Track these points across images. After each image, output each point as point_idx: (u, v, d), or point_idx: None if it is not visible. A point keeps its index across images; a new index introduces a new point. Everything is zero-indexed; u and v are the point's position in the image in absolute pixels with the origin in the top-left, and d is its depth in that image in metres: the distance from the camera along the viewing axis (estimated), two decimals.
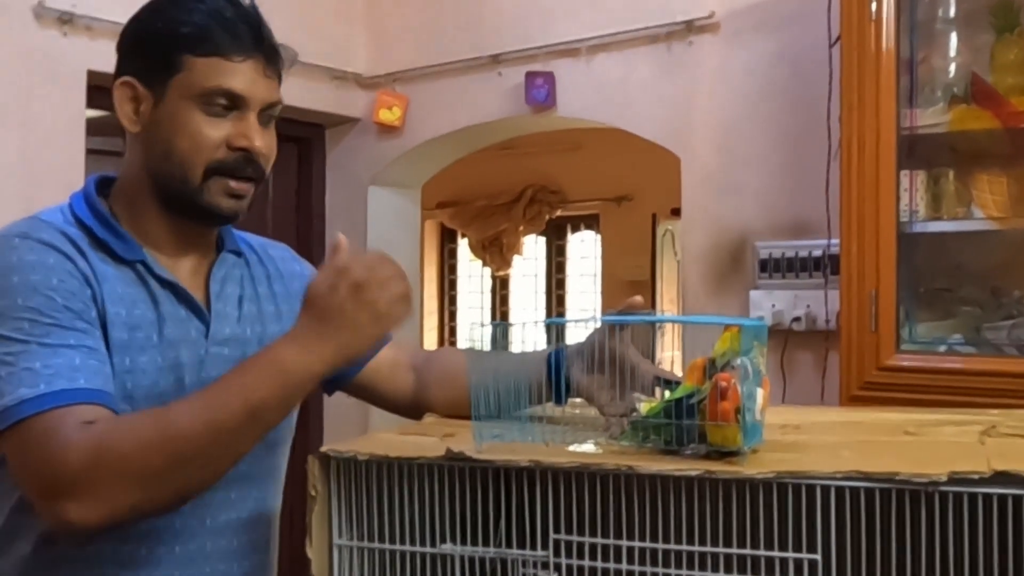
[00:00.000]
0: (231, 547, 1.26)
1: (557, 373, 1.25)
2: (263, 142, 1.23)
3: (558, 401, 1.26)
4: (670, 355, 2.66)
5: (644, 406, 1.09)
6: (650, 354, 1.24)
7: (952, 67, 2.28)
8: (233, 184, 1.22)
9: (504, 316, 6.89)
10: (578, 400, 1.26)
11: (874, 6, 2.13)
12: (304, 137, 3.55)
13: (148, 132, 1.23)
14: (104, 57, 2.64)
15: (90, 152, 2.71)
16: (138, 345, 1.18)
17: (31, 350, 1.09)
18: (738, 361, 1.00)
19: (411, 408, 1.41)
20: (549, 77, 3.10)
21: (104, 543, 1.17)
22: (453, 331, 7.21)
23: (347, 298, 1.11)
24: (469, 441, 1.08)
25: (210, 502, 1.23)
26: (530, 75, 3.13)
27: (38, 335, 1.10)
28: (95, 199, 1.25)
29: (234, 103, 1.21)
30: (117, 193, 1.28)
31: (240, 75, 1.20)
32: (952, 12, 2.35)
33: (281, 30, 1.30)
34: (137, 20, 1.25)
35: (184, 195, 1.22)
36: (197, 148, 1.20)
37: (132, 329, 1.18)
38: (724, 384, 0.98)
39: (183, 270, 1.28)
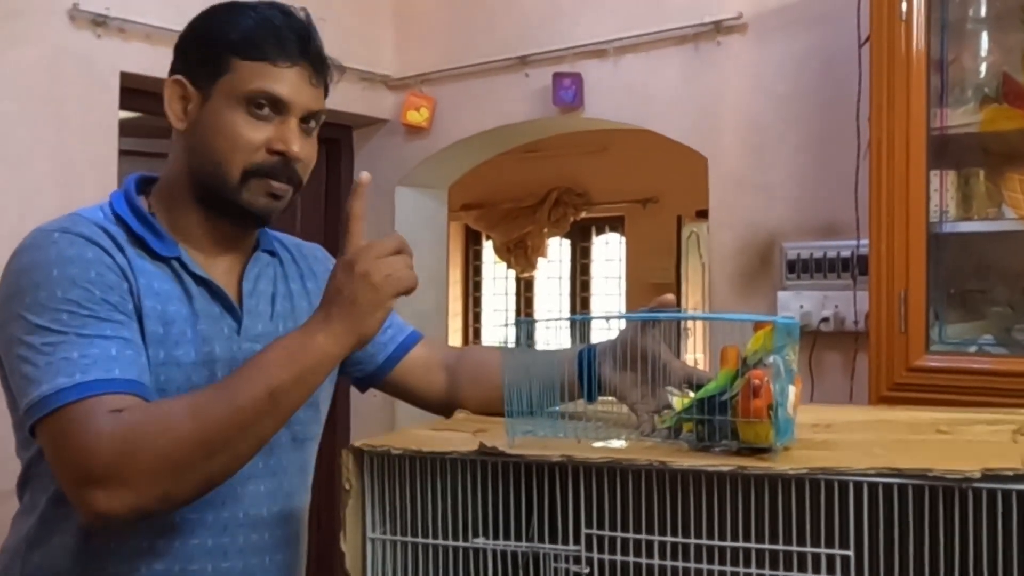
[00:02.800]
0: (263, 541, 1.27)
1: (589, 370, 1.26)
2: (302, 148, 1.25)
3: (589, 398, 1.26)
4: (697, 357, 2.66)
5: (677, 401, 1.09)
6: (677, 354, 1.25)
7: (983, 67, 2.26)
8: (273, 184, 1.25)
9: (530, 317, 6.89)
10: (609, 398, 1.26)
11: (904, 6, 2.12)
12: (332, 138, 3.57)
13: (193, 130, 1.25)
14: (137, 59, 2.69)
15: (123, 153, 2.74)
16: (173, 339, 1.20)
17: (69, 340, 1.11)
18: (771, 359, 1.00)
19: (443, 405, 1.43)
20: (576, 78, 3.11)
21: (139, 536, 1.19)
22: (478, 332, 7.23)
23: (345, 280, 1.15)
24: (501, 437, 1.09)
25: (242, 496, 1.25)
26: (557, 76, 3.13)
27: (76, 326, 1.12)
28: (134, 197, 1.28)
29: (276, 108, 1.23)
30: (158, 191, 1.30)
31: (284, 80, 1.23)
32: (983, 11, 2.34)
33: None
34: (193, 23, 1.29)
35: (222, 194, 1.24)
36: (235, 148, 1.22)
37: (167, 324, 1.20)
38: (757, 381, 0.98)
39: (218, 269, 1.29)
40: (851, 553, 0.93)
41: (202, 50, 1.25)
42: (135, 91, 2.73)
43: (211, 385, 1.15)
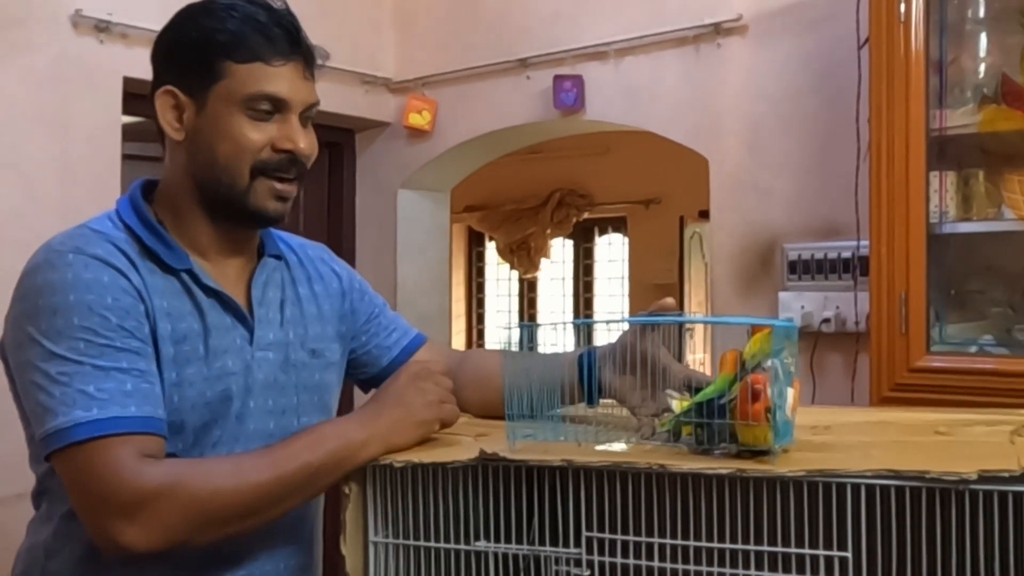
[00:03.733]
0: (276, 546, 1.28)
1: (589, 374, 1.27)
2: (307, 143, 1.26)
3: (590, 402, 1.27)
4: (699, 357, 2.67)
5: (676, 404, 1.10)
6: (679, 356, 1.25)
7: (982, 68, 2.27)
8: (279, 186, 1.25)
9: (532, 319, 6.90)
10: (610, 401, 1.27)
11: (903, 7, 2.12)
12: (335, 142, 3.58)
13: (192, 139, 1.24)
14: (140, 64, 2.67)
15: (126, 157, 2.75)
16: (184, 357, 1.21)
17: (85, 371, 1.11)
18: (769, 363, 1.01)
19: None
20: (577, 80, 3.12)
21: None
22: (481, 334, 7.23)
23: (404, 385, 1.22)
24: (502, 441, 1.10)
25: None
26: (558, 79, 3.14)
27: (92, 356, 1.12)
28: (142, 206, 1.27)
29: (277, 107, 1.23)
30: (160, 200, 1.30)
31: (281, 79, 1.23)
32: (982, 12, 2.34)
33: (311, 35, 1.33)
34: (171, 29, 1.27)
35: (231, 199, 1.24)
36: (241, 151, 1.22)
37: (178, 343, 1.20)
38: (756, 385, 0.99)
39: (227, 277, 1.29)
40: (849, 555, 0.93)
41: (191, 57, 1.23)
42: (138, 96, 2.73)
43: (258, 450, 1.18)
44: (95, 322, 1.13)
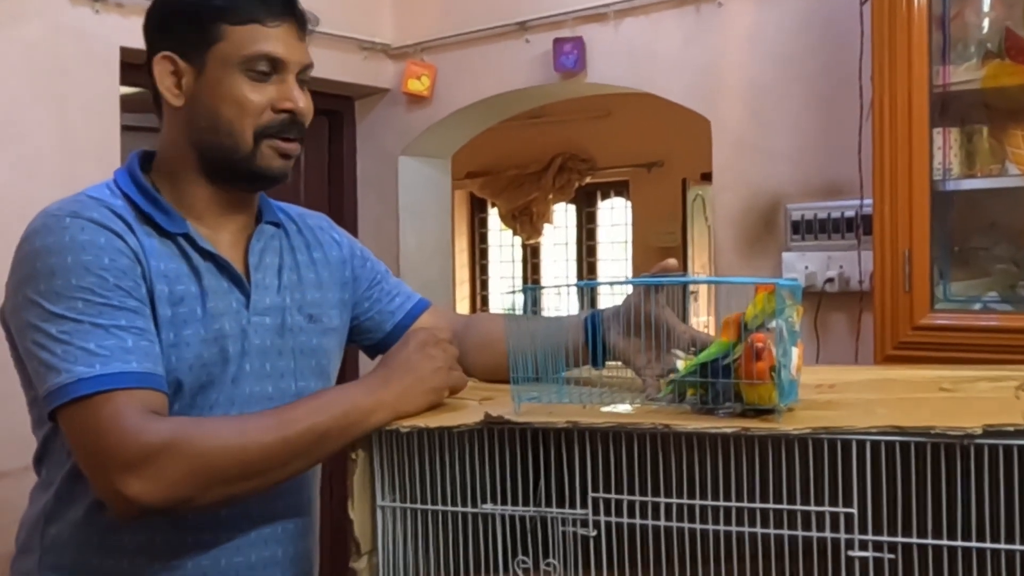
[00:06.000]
0: (275, 509, 1.30)
1: (594, 336, 1.27)
2: (305, 103, 1.28)
3: (595, 364, 1.27)
4: (703, 320, 2.67)
5: (682, 364, 1.10)
6: (683, 318, 1.25)
7: (985, 22, 2.24)
8: (283, 144, 1.26)
9: (535, 284, 6.90)
10: (615, 363, 1.27)
11: None
12: (334, 109, 3.56)
13: (191, 104, 1.25)
14: (136, 34, 2.64)
15: (125, 128, 2.74)
16: (182, 319, 1.21)
17: (85, 329, 1.12)
18: (773, 323, 1.00)
19: None
20: (578, 43, 3.09)
21: None
22: (485, 300, 7.24)
23: (413, 351, 1.21)
24: (507, 404, 1.10)
25: None
26: (558, 41, 3.12)
27: (91, 315, 1.13)
28: (139, 174, 1.28)
29: (274, 67, 1.25)
30: (158, 167, 1.31)
31: (278, 40, 1.24)
32: None
33: (308, 2, 1.32)
34: None
35: (234, 162, 1.25)
36: (244, 114, 1.24)
37: (175, 304, 1.21)
38: (759, 344, 0.98)
39: (224, 242, 1.30)
40: (855, 511, 0.94)
41: (186, 21, 1.25)
42: (135, 66, 2.70)
43: (265, 411, 1.18)
44: (92, 282, 1.14)
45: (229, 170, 1.27)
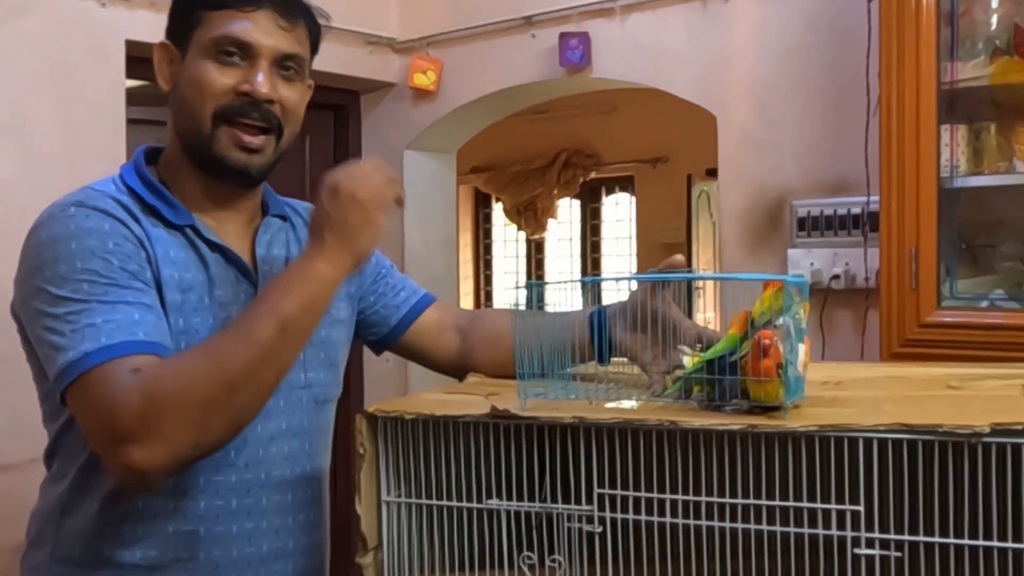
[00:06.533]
0: (286, 501, 1.30)
1: (600, 332, 1.27)
2: (272, 89, 1.25)
3: (601, 360, 1.27)
4: (708, 316, 2.67)
5: (689, 360, 1.09)
6: (689, 314, 1.25)
7: (994, 19, 2.23)
8: (243, 136, 1.24)
9: (539, 280, 6.89)
10: (621, 359, 1.27)
11: None
12: (340, 104, 3.55)
13: (173, 91, 1.27)
14: (142, 27, 2.68)
15: (131, 122, 2.74)
16: (191, 307, 1.22)
17: (91, 308, 1.12)
18: (780, 320, 1.00)
19: (456, 368, 1.44)
20: (584, 38, 3.08)
21: (164, 498, 1.21)
22: (489, 295, 7.24)
23: (332, 204, 1.17)
24: (513, 400, 1.10)
25: (264, 458, 1.27)
26: (564, 36, 3.11)
27: (97, 294, 1.13)
28: (144, 168, 1.29)
29: (244, 52, 1.24)
30: (163, 160, 1.32)
31: (249, 23, 1.23)
32: None
33: None
34: None
35: (198, 147, 1.25)
36: (203, 94, 1.23)
37: (184, 291, 1.21)
38: (767, 341, 0.98)
39: (230, 234, 1.31)
40: (861, 508, 0.94)
41: (178, 9, 1.27)
42: (141, 59, 2.71)
43: (222, 328, 1.17)
44: (97, 264, 1.14)
45: (199, 158, 1.26)
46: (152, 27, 2.65)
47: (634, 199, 6.46)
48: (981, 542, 0.92)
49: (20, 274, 1.19)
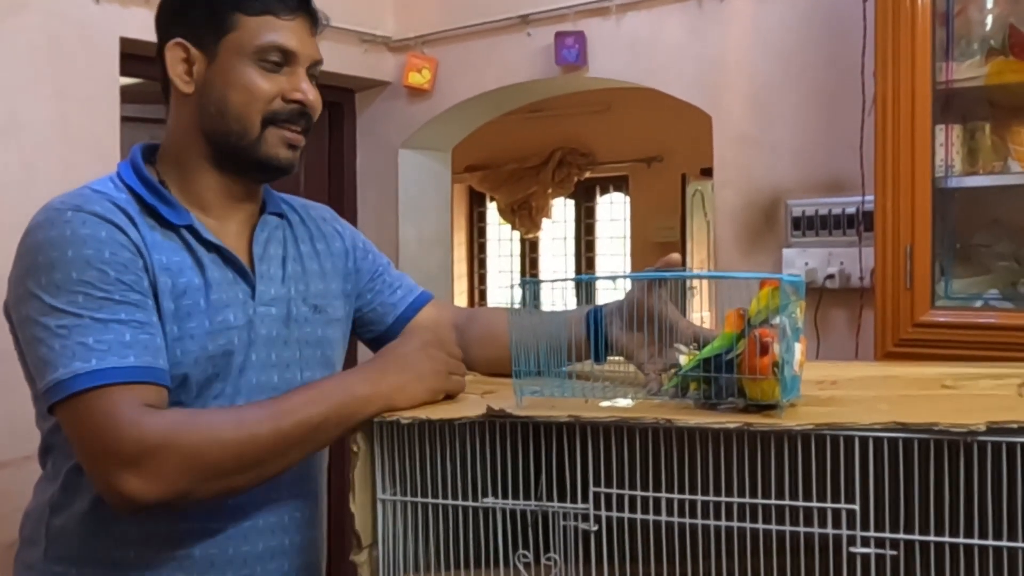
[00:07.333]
0: (281, 498, 1.29)
1: (596, 331, 1.27)
2: (314, 96, 1.29)
3: (597, 359, 1.27)
4: (703, 315, 2.66)
5: (685, 358, 1.09)
6: (683, 313, 1.25)
7: (989, 19, 2.24)
8: (289, 134, 1.28)
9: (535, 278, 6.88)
10: (617, 358, 1.27)
11: None
12: (335, 102, 3.55)
13: (201, 92, 1.27)
14: (136, 24, 2.67)
15: (125, 119, 2.73)
16: (185, 312, 1.21)
17: (84, 324, 1.12)
18: (776, 319, 1.00)
19: None
20: (579, 37, 3.08)
21: None
22: (483, 294, 7.24)
23: (415, 348, 1.21)
24: (509, 398, 1.10)
25: None
26: (560, 35, 3.11)
27: (91, 309, 1.13)
28: (142, 166, 1.28)
29: (286, 59, 1.27)
30: (163, 158, 1.31)
31: (291, 32, 1.26)
32: None
33: None
34: None
35: (240, 149, 1.26)
36: (252, 100, 1.25)
37: (178, 297, 1.21)
38: (765, 339, 0.98)
39: (228, 233, 1.31)
40: (857, 507, 0.94)
41: (201, 10, 1.27)
42: (135, 57, 2.71)
43: (260, 402, 1.18)
44: (92, 276, 1.14)
45: (236, 157, 1.27)
46: (147, 24, 2.62)
47: (628, 198, 6.47)
48: (976, 541, 0.92)
49: (14, 274, 1.19)
